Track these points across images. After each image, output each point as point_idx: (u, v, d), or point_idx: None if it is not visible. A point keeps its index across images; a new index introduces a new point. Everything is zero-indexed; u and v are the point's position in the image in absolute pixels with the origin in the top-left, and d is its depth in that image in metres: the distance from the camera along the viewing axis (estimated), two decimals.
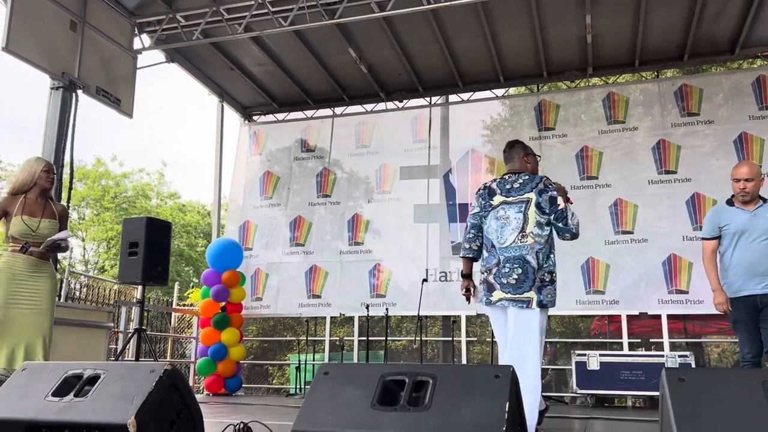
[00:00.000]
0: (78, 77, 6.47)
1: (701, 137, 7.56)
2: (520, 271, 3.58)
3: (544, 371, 8.62)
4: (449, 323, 7.87)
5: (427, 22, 7.25)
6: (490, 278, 3.70)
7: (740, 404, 1.80)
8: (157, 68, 8.01)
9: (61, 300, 7.45)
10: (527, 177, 3.83)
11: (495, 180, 3.94)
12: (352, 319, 8.59)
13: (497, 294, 3.64)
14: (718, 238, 4.21)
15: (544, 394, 6.85)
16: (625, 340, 7.16)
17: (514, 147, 4.06)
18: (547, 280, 3.63)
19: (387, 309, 7.66)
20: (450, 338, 7.79)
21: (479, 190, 3.98)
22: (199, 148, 46.51)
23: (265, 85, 9.03)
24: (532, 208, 3.68)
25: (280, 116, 9.58)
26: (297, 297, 8.50)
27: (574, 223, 3.70)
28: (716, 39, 7.55)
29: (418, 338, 7.33)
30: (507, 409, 1.92)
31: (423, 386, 2.10)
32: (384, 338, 7.69)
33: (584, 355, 6.60)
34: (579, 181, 7.79)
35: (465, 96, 8.78)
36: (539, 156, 4.31)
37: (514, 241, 3.63)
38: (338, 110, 9.25)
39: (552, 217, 3.68)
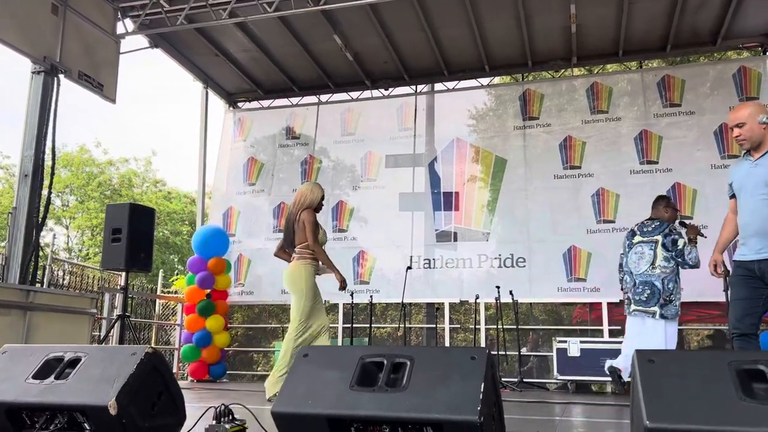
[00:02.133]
0: (60, 61, 6.40)
1: (683, 128, 7.64)
2: (649, 291, 5.10)
3: (525, 358, 8.74)
4: (433, 310, 7.94)
5: (412, 10, 7.24)
6: (630, 295, 5.31)
7: (708, 384, 1.85)
8: (143, 56, 7.98)
9: (44, 286, 7.41)
10: (659, 223, 5.30)
11: (637, 225, 5.48)
12: (336, 306, 8.62)
13: (633, 306, 5.22)
14: (735, 196, 3.64)
15: (526, 380, 7.00)
16: (605, 327, 7.27)
17: (659, 200, 5.49)
18: (669, 299, 5.05)
19: (371, 296, 7.71)
20: (434, 325, 7.85)
21: (627, 233, 5.57)
22: (184, 136, 46.11)
23: (250, 71, 8.99)
24: (659, 248, 5.18)
25: (265, 103, 9.54)
26: (280, 283, 8.49)
27: (688, 257, 5.11)
28: (698, 30, 7.62)
29: (402, 325, 7.38)
30: (482, 390, 1.96)
31: (401, 368, 2.14)
32: (368, 325, 7.74)
33: (565, 341, 6.70)
34: (562, 170, 7.86)
35: (450, 84, 8.80)
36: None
37: (645, 270, 5.16)
38: (324, 98, 9.23)
39: (673, 254, 5.15)
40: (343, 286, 4.83)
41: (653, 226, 5.30)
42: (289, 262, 4.87)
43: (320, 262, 4.83)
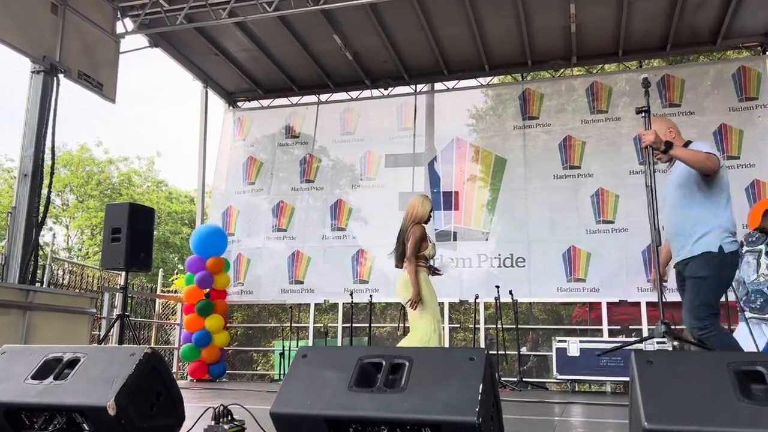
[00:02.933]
0: (59, 61, 6.40)
1: (683, 128, 7.55)
2: (762, 299, 5.15)
3: (525, 358, 8.74)
4: None
5: (412, 9, 7.24)
6: (742, 304, 5.33)
7: (706, 385, 1.85)
8: (143, 55, 7.96)
9: (44, 286, 7.41)
10: (761, 234, 5.35)
11: (744, 235, 5.44)
12: (336, 305, 8.63)
13: (748, 314, 5.23)
14: None
15: (525, 379, 7.00)
16: (605, 326, 7.27)
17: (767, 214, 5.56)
18: None
19: (371, 296, 7.71)
20: None
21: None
22: (184, 135, 46.10)
23: (250, 71, 8.98)
24: (763, 257, 5.24)
25: (265, 102, 9.54)
26: (279, 283, 8.52)
27: None
28: (698, 29, 7.62)
29: (402, 325, 7.38)
30: (480, 391, 1.96)
31: (399, 368, 2.14)
32: (368, 325, 7.74)
33: (564, 341, 6.70)
34: (561, 170, 7.86)
35: (450, 84, 8.80)
36: None
37: (755, 279, 5.21)
38: (323, 97, 9.23)
39: None
40: (413, 304, 4.73)
41: (756, 236, 5.46)
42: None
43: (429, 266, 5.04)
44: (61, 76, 6.42)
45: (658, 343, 6.50)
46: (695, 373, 1.89)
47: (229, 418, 2.44)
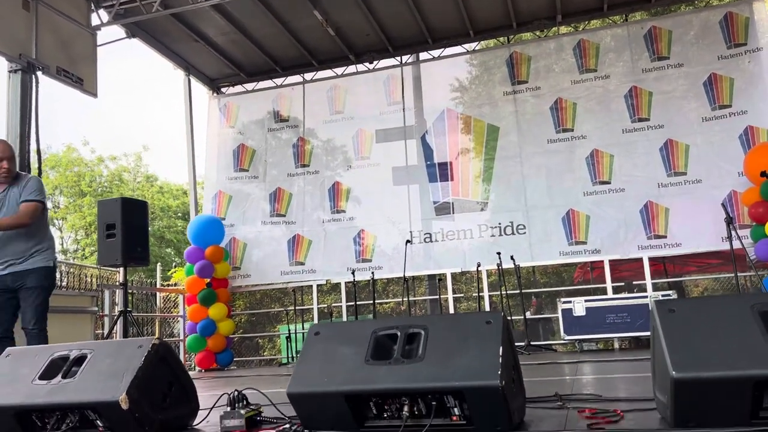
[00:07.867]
0: (36, 58, 6.24)
1: (672, 81, 7.56)
2: None
3: (531, 322, 8.73)
4: (435, 282, 7.92)
5: None
6: None
7: (731, 329, 1.81)
8: (124, 49, 7.79)
9: None
10: None
11: None
12: (338, 286, 8.60)
13: None
14: None
15: (533, 343, 7.01)
16: (608, 284, 7.26)
17: None
18: None
19: (373, 273, 7.67)
20: (437, 296, 7.84)
21: None
22: (173, 127, 45.62)
23: (231, 54, 8.81)
24: None
25: (250, 86, 9.38)
26: (280, 265, 8.46)
27: None
28: None
29: (406, 299, 7.36)
30: (501, 354, 1.92)
31: (415, 338, 2.09)
32: (372, 302, 7.71)
33: (570, 302, 6.69)
34: (555, 134, 7.78)
35: (436, 53, 8.66)
36: None
37: None
38: (308, 76, 9.07)
39: None
40: None
41: None
42: None
43: None
44: (39, 73, 6.27)
45: (663, 295, 6.52)
46: (719, 318, 1.85)
47: (245, 402, 2.39)
